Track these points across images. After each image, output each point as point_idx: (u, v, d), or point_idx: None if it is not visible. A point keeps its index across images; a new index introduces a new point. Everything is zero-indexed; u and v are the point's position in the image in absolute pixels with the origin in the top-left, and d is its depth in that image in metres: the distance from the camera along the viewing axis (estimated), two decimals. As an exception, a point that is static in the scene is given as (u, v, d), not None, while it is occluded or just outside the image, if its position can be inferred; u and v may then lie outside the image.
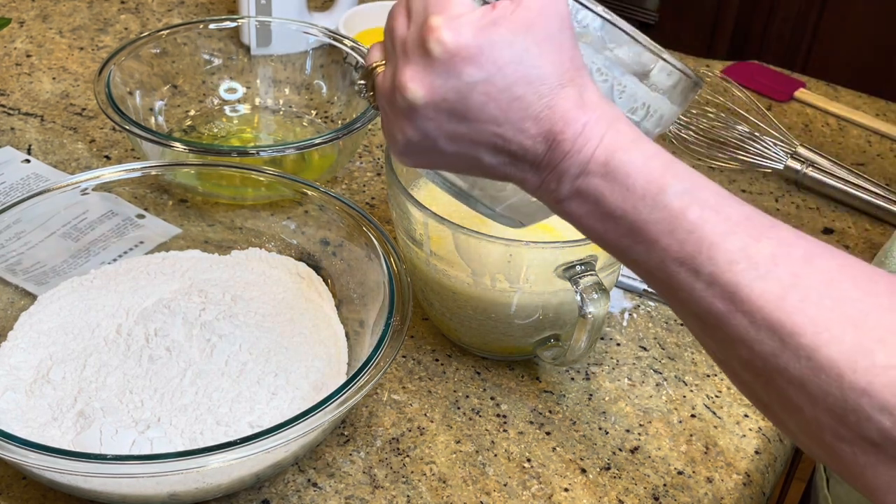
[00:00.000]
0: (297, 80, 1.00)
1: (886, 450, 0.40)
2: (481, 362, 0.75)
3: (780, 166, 0.96)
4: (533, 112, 0.46)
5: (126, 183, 0.78)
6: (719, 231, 0.43)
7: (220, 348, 0.67)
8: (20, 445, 0.56)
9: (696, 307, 0.44)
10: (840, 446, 0.42)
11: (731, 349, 0.44)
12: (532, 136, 0.46)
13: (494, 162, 0.48)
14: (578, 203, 0.46)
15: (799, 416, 0.43)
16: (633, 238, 0.45)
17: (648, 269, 0.45)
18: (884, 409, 0.40)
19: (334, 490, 0.65)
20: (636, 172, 0.45)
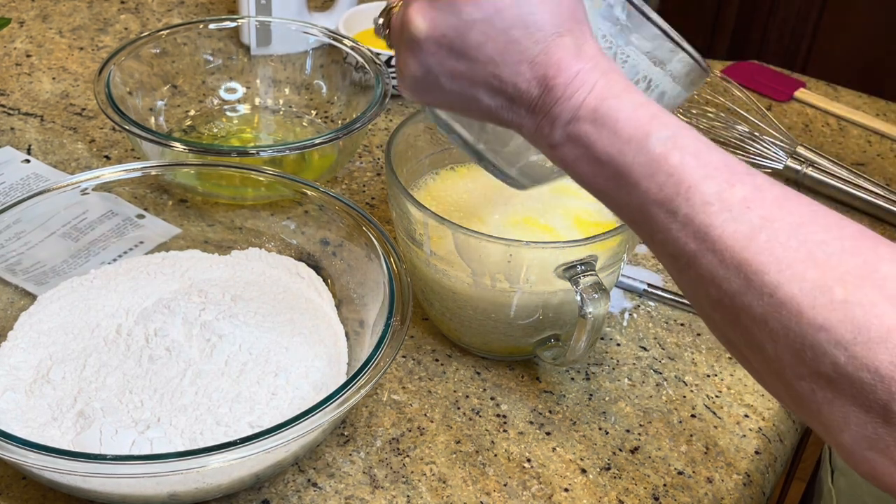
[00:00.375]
0: (297, 80, 1.00)
1: (840, 385, 0.42)
2: (481, 362, 0.75)
3: (780, 166, 0.96)
4: (528, 56, 0.48)
5: (126, 183, 0.78)
6: (697, 175, 0.45)
7: (219, 348, 0.67)
8: (20, 445, 0.56)
9: (672, 247, 0.46)
10: (799, 384, 0.44)
11: (701, 288, 0.46)
12: (527, 79, 0.48)
13: (492, 104, 0.50)
14: (571, 148, 0.49)
15: (762, 354, 0.44)
16: (618, 181, 0.47)
17: (630, 212, 0.48)
18: (839, 343, 0.41)
19: (334, 490, 0.65)
20: (624, 119, 0.47)
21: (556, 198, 0.79)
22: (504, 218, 0.76)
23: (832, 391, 0.43)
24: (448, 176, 0.80)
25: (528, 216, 0.76)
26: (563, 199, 0.78)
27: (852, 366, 0.41)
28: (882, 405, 0.41)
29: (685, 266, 0.46)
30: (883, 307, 0.41)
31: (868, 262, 0.43)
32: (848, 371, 0.42)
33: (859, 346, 0.41)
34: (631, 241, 0.70)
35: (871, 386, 0.41)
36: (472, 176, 0.80)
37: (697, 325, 0.80)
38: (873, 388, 0.41)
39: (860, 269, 0.42)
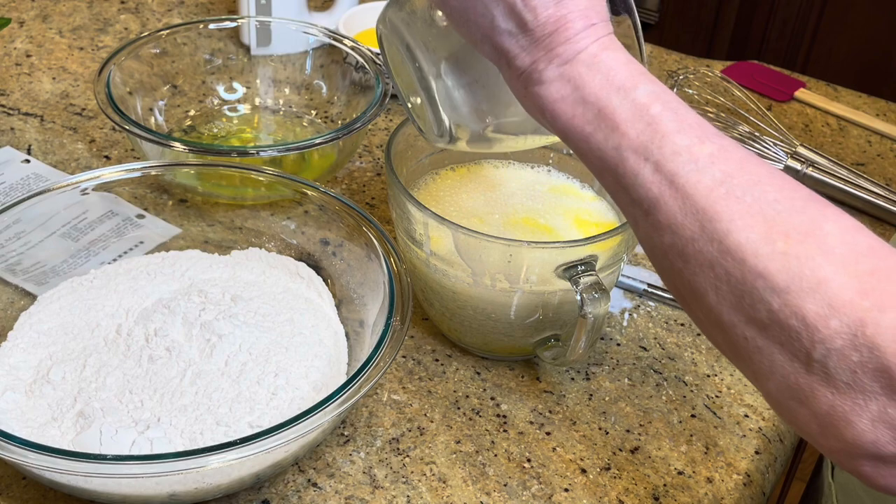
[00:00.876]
0: (297, 80, 1.00)
1: (771, 331, 0.45)
2: (481, 362, 0.75)
3: (780, 166, 0.96)
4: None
5: (126, 183, 0.78)
6: (672, 128, 0.49)
7: (219, 348, 0.67)
8: (20, 445, 0.56)
9: (637, 192, 0.49)
10: (735, 331, 0.47)
11: (658, 234, 0.49)
12: (549, 14, 0.52)
13: (504, 26, 0.53)
14: (559, 86, 0.52)
15: (705, 301, 0.48)
16: (598, 124, 0.50)
17: (602, 154, 0.51)
18: (774, 290, 0.45)
19: (334, 490, 0.65)
20: (618, 68, 0.51)
21: (556, 198, 0.79)
22: (504, 218, 0.76)
23: (763, 338, 0.46)
24: (448, 176, 0.80)
25: (528, 216, 0.76)
26: (563, 199, 0.78)
27: (783, 312, 0.45)
28: (805, 353, 0.44)
29: (647, 211, 0.49)
30: (819, 260, 0.44)
31: (813, 221, 0.46)
32: (779, 317, 0.45)
33: (792, 293, 0.44)
34: (631, 241, 0.70)
35: (798, 333, 0.44)
36: (471, 176, 0.80)
37: (697, 325, 0.80)
38: (799, 335, 0.44)
39: (804, 225, 0.46)
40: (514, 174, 0.81)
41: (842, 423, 0.44)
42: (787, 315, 0.45)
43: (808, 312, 0.44)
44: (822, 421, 0.45)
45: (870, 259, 0.45)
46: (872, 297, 0.43)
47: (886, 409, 0.43)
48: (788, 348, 0.45)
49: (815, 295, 0.44)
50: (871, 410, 0.43)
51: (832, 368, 0.44)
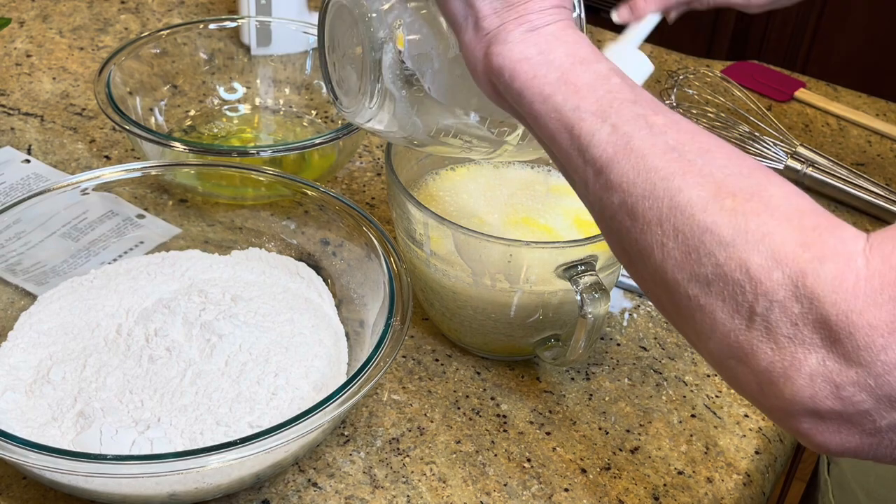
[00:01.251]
0: (297, 80, 1.00)
1: (715, 286, 0.46)
2: (481, 362, 0.75)
3: (780, 166, 0.96)
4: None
5: (126, 183, 0.78)
6: (630, 98, 0.51)
7: (220, 348, 0.67)
8: (20, 445, 0.56)
9: (592, 151, 0.51)
10: (678, 289, 0.48)
11: (611, 192, 0.50)
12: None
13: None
14: (524, 47, 0.53)
15: (651, 259, 0.49)
16: (559, 86, 0.52)
17: (560, 115, 0.52)
18: (720, 243, 0.46)
19: (334, 490, 0.65)
20: (582, 45, 0.54)
21: (555, 198, 0.79)
22: (504, 218, 0.76)
23: (707, 294, 0.47)
24: (448, 176, 0.80)
25: (528, 216, 0.76)
26: (562, 199, 0.78)
27: (728, 265, 0.46)
28: (748, 307, 0.45)
29: (599, 170, 0.50)
30: (764, 217, 0.46)
31: (759, 184, 0.48)
32: (724, 270, 0.46)
33: (738, 246, 0.45)
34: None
35: (742, 286, 0.45)
36: (471, 176, 0.80)
37: (697, 325, 0.80)
38: (743, 287, 0.45)
39: (751, 187, 0.47)
40: (514, 174, 0.81)
41: (781, 379, 0.45)
42: (731, 268, 0.45)
43: (752, 265, 0.45)
44: (761, 378, 0.46)
45: (812, 217, 0.47)
46: (813, 249, 0.44)
47: (825, 361, 0.44)
48: (731, 304, 0.46)
49: (760, 247, 0.45)
50: (811, 364, 0.44)
51: (773, 322, 0.45)
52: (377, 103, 0.62)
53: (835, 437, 0.46)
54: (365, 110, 0.63)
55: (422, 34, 0.60)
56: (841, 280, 0.44)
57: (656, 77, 1.14)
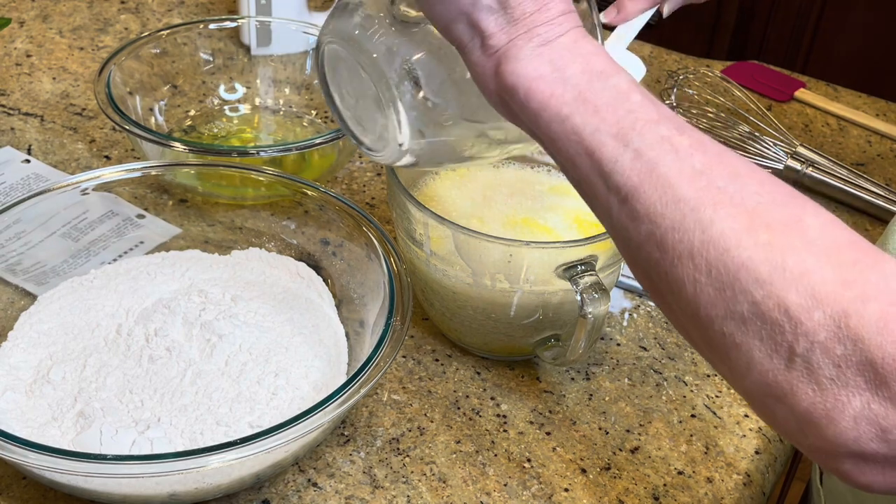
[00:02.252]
0: (297, 80, 1.00)
1: (752, 325, 0.44)
2: (481, 362, 0.75)
3: (780, 166, 0.96)
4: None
5: (126, 183, 0.78)
6: (653, 117, 0.49)
7: (220, 348, 0.67)
8: (20, 445, 0.56)
9: (615, 178, 0.48)
10: (713, 325, 0.46)
11: (635, 223, 0.48)
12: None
13: (484, 1, 0.51)
14: (537, 64, 0.51)
15: (682, 294, 0.47)
16: (577, 106, 0.49)
17: (579, 137, 0.50)
18: (757, 281, 0.44)
19: (334, 490, 0.65)
20: (596, 56, 0.51)
21: (555, 198, 0.79)
22: (504, 218, 0.76)
23: (743, 332, 0.45)
24: (448, 176, 0.80)
25: (528, 216, 0.76)
26: (563, 200, 0.78)
27: (765, 304, 0.44)
28: (787, 347, 0.43)
29: (624, 199, 0.48)
30: (801, 252, 0.44)
31: (794, 214, 0.46)
32: (761, 309, 0.44)
33: (775, 284, 0.44)
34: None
35: (780, 326, 0.43)
36: (472, 176, 0.80)
37: (697, 325, 0.80)
38: (782, 328, 0.43)
39: (786, 218, 0.45)
40: (514, 174, 0.81)
41: (823, 420, 0.43)
42: (769, 307, 0.44)
43: (791, 304, 0.43)
44: (802, 419, 0.44)
45: (851, 251, 0.45)
46: (855, 287, 0.43)
47: (870, 404, 0.42)
48: (769, 343, 0.44)
49: (799, 286, 0.43)
50: (854, 407, 0.42)
51: (815, 363, 0.43)
52: (407, 143, 0.59)
53: (879, 478, 0.44)
54: (394, 153, 0.60)
55: (435, 63, 0.58)
56: (886, 321, 0.42)
57: (656, 77, 1.14)
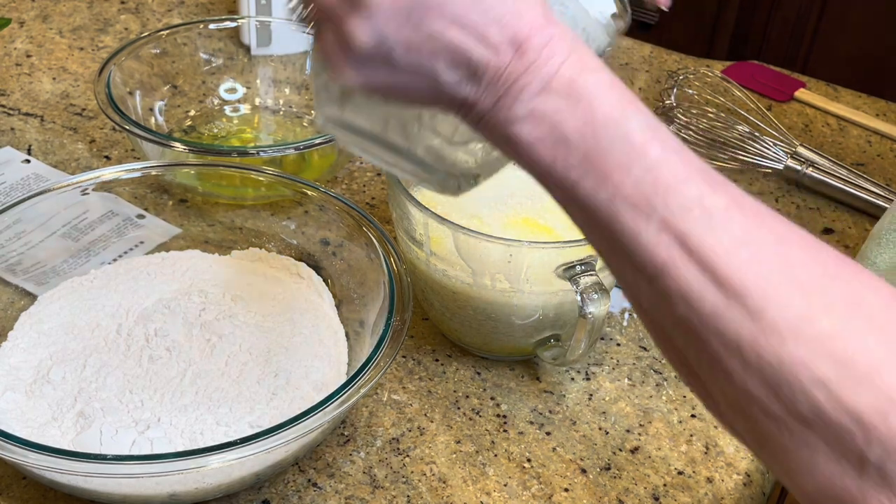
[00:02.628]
0: (297, 80, 1.00)
1: (815, 428, 0.38)
2: (481, 362, 0.75)
3: (780, 166, 0.96)
4: (496, 15, 0.42)
5: (126, 183, 0.78)
6: (679, 175, 0.41)
7: (220, 348, 0.67)
8: (20, 445, 0.56)
9: (640, 256, 0.41)
10: (766, 421, 0.40)
11: (667, 304, 0.41)
12: (496, 42, 0.42)
13: (451, 79, 0.43)
14: (532, 126, 0.42)
15: (727, 384, 0.40)
16: (585, 169, 0.42)
17: (593, 208, 0.42)
18: (820, 381, 0.38)
19: (334, 490, 0.65)
20: (602, 96, 0.42)
21: (556, 198, 0.78)
22: (504, 218, 0.76)
23: (804, 433, 0.39)
24: (448, 176, 0.80)
25: (528, 216, 0.76)
26: (563, 199, 0.78)
27: (832, 407, 0.38)
28: (858, 455, 0.38)
29: (652, 279, 0.41)
30: (870, 342, 0.38)
31: (854, 290, 0.39)
32: (826, 412, 0.38)
33: (842, 385, 0.38)
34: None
35: (850, 432, 0.38)
36: (472, 176, 0.80)
37: (697, 325, 0.80)
38: (852, 434, 0.38)
39: (846, 297, 0.39)
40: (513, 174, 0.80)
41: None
42: (836, 410, 0.38)
43: (863, 408, 0.37)
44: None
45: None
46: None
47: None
48: (837, 448, 0.38)
49: (871, 385, 0.37)
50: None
51: (892, 472, 0.37)
52: (463, 174, 0.55)
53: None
54: (464, 183, 0.56)
55: (484, 154, 0.53)
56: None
57: (656, 77, 1.14)
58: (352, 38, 0.44)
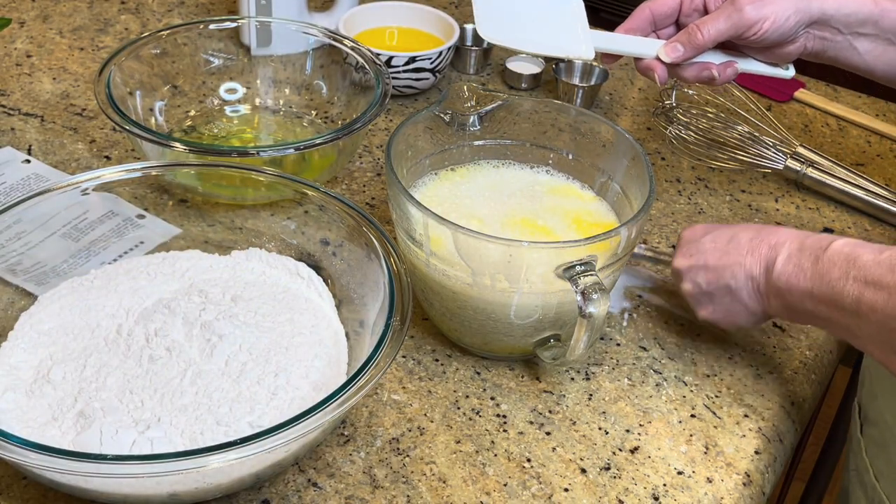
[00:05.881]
0: (297, 80, 1.00)
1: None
2: (481, 362, 0.75)
3: (780, 166, 0.96)
4: (739, 258, 0.71)
5: (126, 183, 0.78)
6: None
7: (220, 348, 0.67)
8: (20, 445, 0.56)
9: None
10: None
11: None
12: (748, 266, 0.71)
13: (736, 285, 0.71)
14: (777, 301, 0.69)
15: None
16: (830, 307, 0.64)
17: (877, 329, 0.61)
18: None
19: (334, 490, 0.65)
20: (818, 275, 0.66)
21: (555, 199, 0.79)
22: (503, 219, 0.76)
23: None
24: (448, 176, 0.80)
25: (527, 217, 0.76)
26: (562, 201, 0.78)
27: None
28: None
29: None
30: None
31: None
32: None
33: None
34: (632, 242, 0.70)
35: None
36: (471, 176, 0.80)
37: (697, 325, 0.80)
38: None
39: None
40: (513, 174, 0.81)
41: None
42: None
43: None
44: None
45: None
46: None
47: None
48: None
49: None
50: None
51: None
52: None
53: None
54: None
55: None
56: None
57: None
58: (688, 294, 0.76)
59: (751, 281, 0.70)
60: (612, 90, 1.11)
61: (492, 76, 1.12)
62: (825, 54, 0.82)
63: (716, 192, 0.96)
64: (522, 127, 0.81)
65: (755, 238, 0.71)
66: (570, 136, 0.80)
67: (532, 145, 0.81)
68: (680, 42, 0.81)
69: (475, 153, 0.81)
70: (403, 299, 0.67)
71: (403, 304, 0.66)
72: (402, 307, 0.66)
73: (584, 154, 0.80)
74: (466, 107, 0.79)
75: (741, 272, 0.71)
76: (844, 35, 0.80)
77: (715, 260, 0.73)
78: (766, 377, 0.76)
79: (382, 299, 0.68)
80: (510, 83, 1.10)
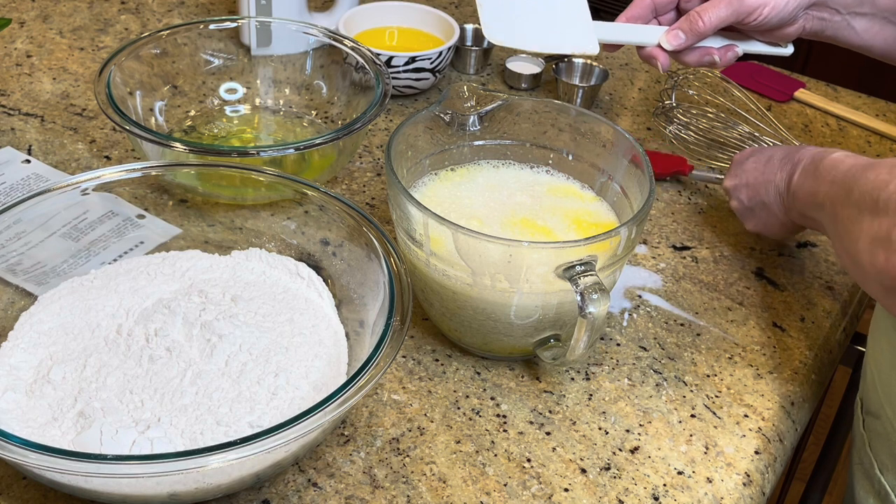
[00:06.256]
0: (297, 80, 1.00)
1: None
2: (481, 362, 0.75)
3: (779, 166, 0.96)
4: (772, 175, 0.79)
5: (126, 183, 0.78)
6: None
7: (220, 348, 0.67)
8: (20, 445, 0.56)
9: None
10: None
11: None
12: (777, 179, 0.78)
13: (769, 199, 0.79)
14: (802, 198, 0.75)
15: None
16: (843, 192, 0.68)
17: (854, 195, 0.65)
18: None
19: (334, 490, 0.65)
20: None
21: (555, 199, 0.79)
22: (503, 219, 0.76)
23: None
24: (448, 176, 0.80)
25: (526, 217, 0.76)
26: (562, 201, 0.78)
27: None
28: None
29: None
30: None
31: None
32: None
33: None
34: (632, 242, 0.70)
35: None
36: (471, 176, 0.80)
37: (697, 325, 0.80)
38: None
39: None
40: (513, 175, 0.81)
41: None
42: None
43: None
44: None
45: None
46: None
47: None
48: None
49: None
50: None
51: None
52: None
53: None
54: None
55: None
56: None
57: (656, 77, 1.14)
58: (737, 209, 0.86)
59: (779, 195, 0.78)
60: (612, 90, 1.11)
61: (492, 76, 1.12)
62: (823, 33, 0.86)
63: (716, 191, 0.96)
64: (522, 127, 0.81)
65: (785, 157, 0.78)
66: (570, 136, 0.80)
67: (532, 145, 0.81)
68: (681, 30, 0.83)
69: (475, 153, 0.81)
70: (403, 299, 0.67)
71: (403, 304, 0.66)
72: (402, 307, 0.66)
73: (584, 154, 0.80)
74: (466, 107, 0.79)
75: (772, 188, 0.78)
76: (843, 15, 0.84)
77: (753, 178, 0.81)
78: (766, 377, 0.76)
79: (382, 299, 0.68)
80: (510, 83, 1.10)
